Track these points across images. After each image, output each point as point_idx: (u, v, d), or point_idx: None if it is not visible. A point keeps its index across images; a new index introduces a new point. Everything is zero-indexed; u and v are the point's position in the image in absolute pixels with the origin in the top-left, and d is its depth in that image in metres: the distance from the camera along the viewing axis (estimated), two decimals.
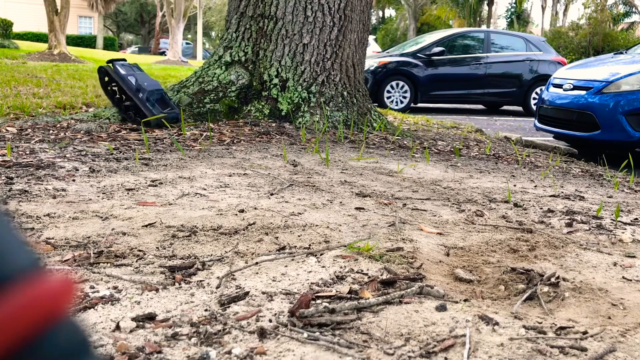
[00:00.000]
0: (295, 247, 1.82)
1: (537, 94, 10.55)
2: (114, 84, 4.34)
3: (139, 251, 1.70)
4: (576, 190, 3.18)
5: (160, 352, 1.13)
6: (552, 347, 1.21)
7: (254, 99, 4.91)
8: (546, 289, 1.55)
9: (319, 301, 1.39)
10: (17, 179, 2.55)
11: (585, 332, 1.28)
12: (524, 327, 1.29)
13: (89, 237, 1.81)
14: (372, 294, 1.45)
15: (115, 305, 1.33)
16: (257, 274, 1.57)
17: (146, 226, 1.96)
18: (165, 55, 29.53)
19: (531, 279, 1.60)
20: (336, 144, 4.21)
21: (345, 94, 4.98)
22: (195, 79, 4.99)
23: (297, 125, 4.73)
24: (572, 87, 5.75)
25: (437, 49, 10.22)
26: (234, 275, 1.55)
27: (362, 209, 2.36)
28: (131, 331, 1.21)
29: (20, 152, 3.16)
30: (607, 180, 3.69)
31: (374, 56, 10.76)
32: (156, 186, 2.57)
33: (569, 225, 2.31)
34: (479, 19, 36.67)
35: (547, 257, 1.87)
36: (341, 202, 2.46)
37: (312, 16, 4.83)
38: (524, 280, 1.61)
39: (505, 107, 11.83)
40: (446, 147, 4.72)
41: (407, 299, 1.41)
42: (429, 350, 1.16)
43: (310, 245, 1.84)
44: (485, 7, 36.68)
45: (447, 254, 1.85)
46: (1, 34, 19.18)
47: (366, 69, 9.45)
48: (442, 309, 1.36)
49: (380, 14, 51.98)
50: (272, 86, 4.87)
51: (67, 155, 3.18)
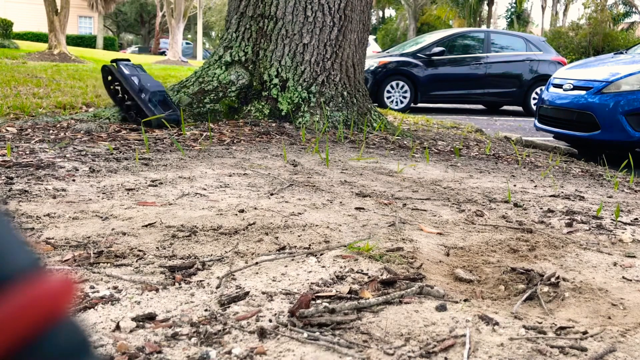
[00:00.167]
0: (295, 247, 1.82)
1: (537, 94, 10.56)
2: (117, 84, 4.35)
3: (139, 251, 1.70)
4: (576, 190, 3.18)
5: (160, 352, 1.13)
6: (552, 347, 1.21)
7: (254, 99, 4.91)
8: (546, 289, 1.55)
9: (319, 301, 1.39)
10: (17, 179, 2.55)
11: (585, 332, 1.28)
12: (524, 327, 1.29)
13: (89, 237, 1.81)
14: (372, 294, 1.45)
15: (115, 305, 1.33)
16: (257, 274, 1.57)
17: (146, 226, 1.96)
18: (165, 55, 29.54)
19: (531, 279, 1.60)
20: (336, 144, 4.21)
21: (345, 94, 4.98)
22: (195, 79, 4.99)
23: (297, 125, 4.73)
24: (572, 87, 5.75)
25: (437, 49, 10.22)
26: (234, 275, 1.55)
27: (362, 209, 2.36)
28: (131, 331, 1.21)
29: (20, 152, 3.16)
30: (607, 180, 3.69)
31: (374, 56, 10.76)
32: (156, 186, 2.58)
33: (569, 225, 2.31)
34: (479, 19, 36.67)
35: (547, 257, 1.87)
36: (341, 202, 2.46)
37: (312, 16, 4.83)
38: (524, 280, 1.61)
39: (505, 107, 11.83)
40: (446, 147, 4.72)
41: (407, 299, 1.41)
42: (429, 350, 1.16)
43: (310, 245, 1.84)
44: (485, 7, 36.68)
45: (447, 254, 1.85)
46: (1, 34, 19.19)
47: (366, 69, 9.45)
48: (442, 309, 1.36)
49: (380, 14, 51.98)
50: (272, 86, 4.88)
51: (67, 155, 3.18)
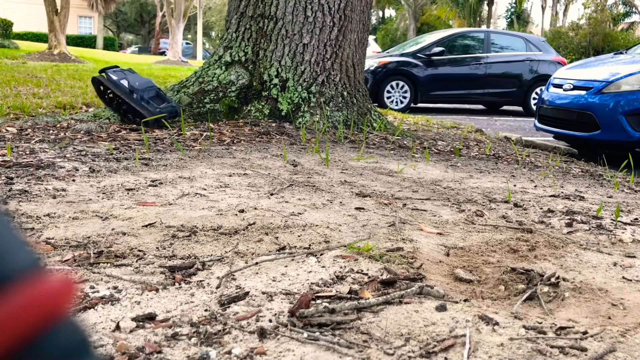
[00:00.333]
0: (295, 247, 1.82)
1: (537, 94, 10.55)
2: (109, 91, 4.36)
3: (139, 251, 1.70)
4: (576, 190, 3.18)
5: (160, 352, 1.13)
6: (552, 347, 1.21)
7: (254, 99, 4.91)
8: (546, 289, 1.55)
9: (319, 301, 1.39)
10: (17, 179, 2.55)
11: (585, 332, 1.28)
12: (524, 327, 1.29)
13: (89, 237, 1.81)
14: (372, 294, 1.45)
15: (115, 305, 1.33)
16: (257, 274, 1.57)
17: (146, 226, 1.96)
18: (165, 55, 29.54)
19: (531, 279, 1.60)
20: (336, 144, 4.21)
21: (345, 94, 4.98)
22: (195, 79, 4.99)
23: (297, 125, 4.73)
24: (572, 87, 5.75)
25: (437, 49, 10.22)
26: (234, 275, 1.55)
27: (362, 209, 2.36)
28: (131, 331, 1.21)
29: (20, 152, 3.16)
30: (607, 180, 3.69)
31: (374, 56, 10.76)
32: (156, 186, 2.58)
33: (569, 225, 2.31)
34: (479, 19, 36.67)
35: (547, 257, 1.87)
36: (341, 202, 2.46)
37: (312, 16, 4.83)
38: (524, 280, 1.61)
39: (505, 107, 11.83)
40: (446, 147, 4.72)
41: (407, 299, 1.41)
42: (429, 350, 1.16)
43: (310, 245, 1.84)
44: (485, 7, 36.68)
45: (447, 254, 1.85)
46: (1, 34, 19.19)
47: (366, 69, 9.45)
48: (442, 309, 1.36)
49: (380, 14, 51.98)
50: (272, 86, 4.87)
51: (67, 155, 3.18)
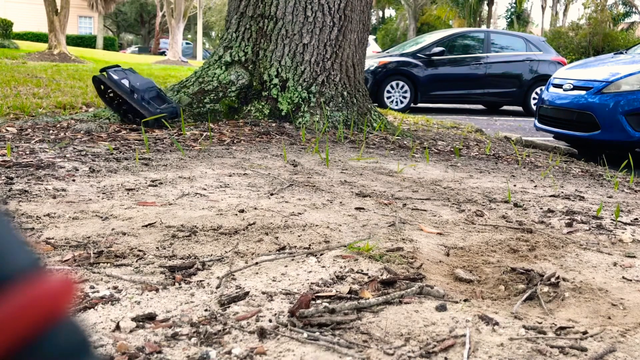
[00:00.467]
0: (295, 247, 1.82)
1: (537, 94, 10.55)
2: (110, 91, 4.35)
3: (139, 251, 1.70)
4: (576, 190, 3.18)
5: (160, 352, 1.13)
6: (552, 347, 1.21)
7: (254, 99, 4.91)
8: (546, 289, 1.55)
9: (319, 301, 1.39)
10: (17, 179, 2.55)
11: (585, 332, 1.28)
12: (524, 327, 1.29)
13: (89, 237, 1.81)
14: (372, 294, 1.45)
15: (115, 305, 1.33)
16: (257, 274, 1.57)
17: (146, 226, 1.96)
18: (165, 55, 29.54)
19: (531, 279, 1.60)
20: (336, 144, 4.21)
21: (345, 94, 4.98)
22: (195, 79, 4.99)
23: (297, 125, 4.73)
24: (572, 87, 5.75)
25: (437, 49, 10.22)
26: (234, 275, 1.55)
27: (362, 209, 2.36)
28: (131, 331, 1.21)
29: (20, 152, 3.16)
30: (607, 180, 3.69)
31: (374, 56, 10.76)
32: (156, 186, 2.58)
33: (569, 225, 2.31)
34: (479, 19, 36.67)
35: (547, 257, 1.87)
36: (341, 202, 2.46)
37: (312, 16, 4.83)
38: (524, 280, 1.61)
39: (505, 107, 11.83)
40: (446, 147, 4.72)
41: (407, 299, 1.41)
42: (429, 350, 1.16)
43: (310, 245, 1.84)
44: (485, 7, 36.68)
45: (447, 254, 1.85)
46: (1, 34, 19.19)
47: (366, 69, 9.45)
48: (442, 309, 1.36)
49: (380, 14, 51.98)
50: (272, 86, 4.87)
51: (67, 155, 3.18)
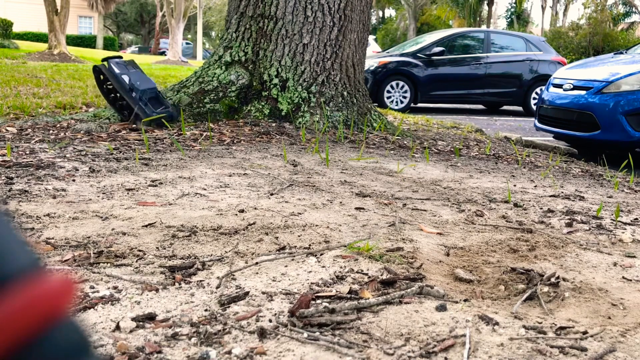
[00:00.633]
0: (295, 247, 1.82)
1: (537, 94, 10.55)
2: (109, 83, 4.29)
3: (139, 251, 1.70)
4: (576, 190, 3.18)
5: (160, 352, 1.13)
6: (552, 347, 1.21)
7: (254, 99, 4.91)
8: (546, 289, 1.55)
9: (319, 301, 1.39)
10: (17, 179, 2.55)
11: (585, 332, 1.28)
12: (524, 327, 1.29)
13: (89, 237, 1.81)
14: (372, 294, 1.45)
15: (115, 305, 1.33)
16: (257, 274, 1.57)
17: (146, 226, 1.96)
18: (165, 55, 29.54)
19: (531, 279, 1.60)
20: (336, 144, 4.21)
21: (345, 94, 4.98)
22: (195, 79, 4.99)
23: (297, 125, 4.73)
24: (572, 87, 5.75)
25: (437, 49, 10.22)
26: (234, 275, 1.55)
27: (362, 209, 2.36)
28: (131, 331, 1.21)
29: (20, 152, 3.16)
30: (607, 180, 3.69)
31: (374, 56, 10.76)
32: (156, 186, 2.58)
33: (569, 225, 2.31)
34: (479, 19, 36.67)
35: (547, 257, 1.87)
36: (341, 202, 2.46)
37: (312, 16, 4.84)
38: (524, 280, 1.61)
39: (505, 107, 11.83)
40: (446, 147, 4.72)
41: (407, 299, 1.41)
42: (429, 350, 1.16)
43: (310, 245, 1.84)
44: (485, 7, 36.68)
45: (447, 254, 1.85)
46: (1, 34, 19.19)
47: (366, 69, 9.45)
48: (442, 309, 1.36)
49: (380, 14, 51.97)
50: (272, 86, 4.88)
51: (67, 155, 3.18)
